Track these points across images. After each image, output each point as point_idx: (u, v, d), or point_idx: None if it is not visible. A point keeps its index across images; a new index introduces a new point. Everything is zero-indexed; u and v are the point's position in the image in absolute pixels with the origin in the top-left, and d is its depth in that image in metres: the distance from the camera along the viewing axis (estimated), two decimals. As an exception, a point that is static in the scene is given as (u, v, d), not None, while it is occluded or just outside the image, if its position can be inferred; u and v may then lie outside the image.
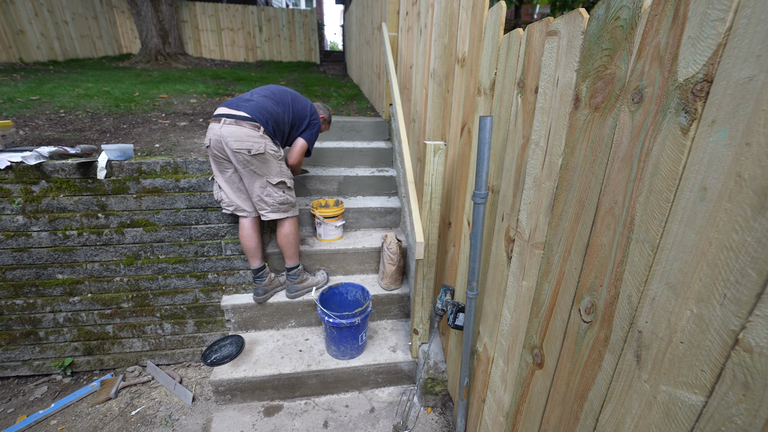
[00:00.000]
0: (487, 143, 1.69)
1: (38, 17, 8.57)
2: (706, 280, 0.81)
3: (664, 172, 0.91)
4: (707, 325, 0.82)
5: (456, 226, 2.50)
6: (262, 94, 3.00)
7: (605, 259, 1.12)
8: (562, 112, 1.29)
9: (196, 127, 4.31)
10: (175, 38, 10.32)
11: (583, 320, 1.24)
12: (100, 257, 3.14)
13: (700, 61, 0.81)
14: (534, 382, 1.59)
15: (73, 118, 4.37)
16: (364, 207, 3.94)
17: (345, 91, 7.13)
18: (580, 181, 1.22)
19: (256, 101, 2.90)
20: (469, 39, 2.08)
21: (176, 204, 3.11)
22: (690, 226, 0.85)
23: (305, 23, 12.49)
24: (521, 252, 1.63)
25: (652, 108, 0.94)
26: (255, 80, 7.73)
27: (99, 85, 6.12)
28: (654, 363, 0.96)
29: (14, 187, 2.86)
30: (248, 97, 2.96)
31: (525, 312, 1.63)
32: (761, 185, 0.70)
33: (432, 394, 2.93)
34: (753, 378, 0.73)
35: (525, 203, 1.57)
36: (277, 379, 2.92)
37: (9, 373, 3.31)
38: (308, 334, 3.36)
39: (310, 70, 10.61)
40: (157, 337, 3.43)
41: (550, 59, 1.34)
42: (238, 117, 2.76)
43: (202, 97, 5.83)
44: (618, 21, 1.04)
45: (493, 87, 1.83)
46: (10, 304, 3.12)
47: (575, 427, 1.31)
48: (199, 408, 2.98)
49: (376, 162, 4.55)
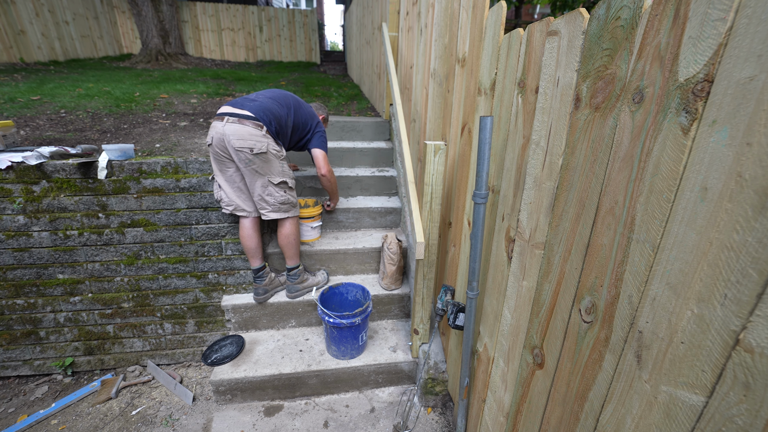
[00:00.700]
0: (487, 143, 1.69)
1: (39, 17, 8.58)
2: (707, 280, 0.81)
3: (665, 172, 0.90)
4: (708, 326, 0.82)
5: (456, 226, 2.50)
6: (266, 96, 3.02)
7: (606, 259, 1.12)
8: (562, 112, 1.29)
9: (197, 127, 4.31)
10: (176, 38, 10.33)
11: (583, 320, 1.24)
12: (101, 257, 3.14)
13: (701, 61, 0.81)
14: (534, 383, 1.59)
15: (74, 118, 4.37)
16: (364, 207, 3.94)
17: (345, 91, 7.13)
18: (581, 181, 1.22)
19: (260, 102, 2.91)
20: (470, 39, 2.08)
21: (177, 204, 3.12)
22: (691, 226, 0.85)
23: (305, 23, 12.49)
24: (522, 252, 1.63)
25: (652, 108, 0.94)
26: (255, 80, 7.72)
27: (100, 85, 6.12)
28: (655, 363, 0.96)
29: (15, 187, 2.86)
30: (253, 97, 2.98)
31: (525, 312, 1.63)
32: (762, 185, 0.70)
33: (432, 394, 2.93)
34: (754, 378, 0.73)
35: (525, 203, 1.57)
36: (278, 379, 2.92)
37: (10, 372, 3.31)
38: (309, 333, 3.37)
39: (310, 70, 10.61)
40: (157, 337, 3.43)
41: (551, 59, 1.34)
42: (242, 116, 2.76)
43: (203, 97, 5.83)
44: (618, 21, 1.04)
45: (494, 87, 1.83)
46: (11, 303, 3.12)
47: (576, 428, 1.31)
48: (200, 408, 2.98)
49: (376, 162, 4.55)
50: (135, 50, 11.42)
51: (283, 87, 7.13)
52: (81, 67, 8.31)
